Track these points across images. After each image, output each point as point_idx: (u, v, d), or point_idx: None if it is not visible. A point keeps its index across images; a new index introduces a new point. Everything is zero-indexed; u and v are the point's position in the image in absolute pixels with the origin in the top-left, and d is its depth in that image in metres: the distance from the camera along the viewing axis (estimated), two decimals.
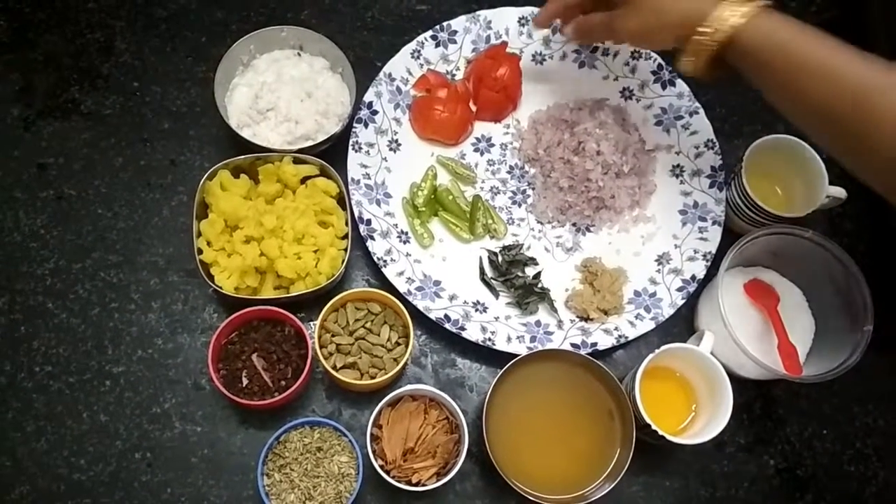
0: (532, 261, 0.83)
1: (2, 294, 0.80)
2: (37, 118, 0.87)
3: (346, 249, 0.78)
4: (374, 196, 0.83)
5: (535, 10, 0.90)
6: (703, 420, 0.75)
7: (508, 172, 0.88)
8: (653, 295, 0.82)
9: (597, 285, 0.81)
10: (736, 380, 0.74)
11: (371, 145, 0.85)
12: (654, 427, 0.70)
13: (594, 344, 0.79)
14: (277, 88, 0.83)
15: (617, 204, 0.84)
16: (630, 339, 0.79)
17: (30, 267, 0.81)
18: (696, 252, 0.83)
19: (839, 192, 0.81)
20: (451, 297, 0.81)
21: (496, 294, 0.82)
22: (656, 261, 0.84)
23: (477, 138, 0.89)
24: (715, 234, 0.83)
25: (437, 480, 0.71)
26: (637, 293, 0.82)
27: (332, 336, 0.75)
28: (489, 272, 0.83)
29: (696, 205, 0.85)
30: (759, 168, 0.82)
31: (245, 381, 0.74)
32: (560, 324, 0.81)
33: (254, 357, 0.75)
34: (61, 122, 0.87)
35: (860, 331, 0.73)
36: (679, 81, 0.89)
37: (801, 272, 0.82)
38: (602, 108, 0.86)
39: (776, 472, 0.79)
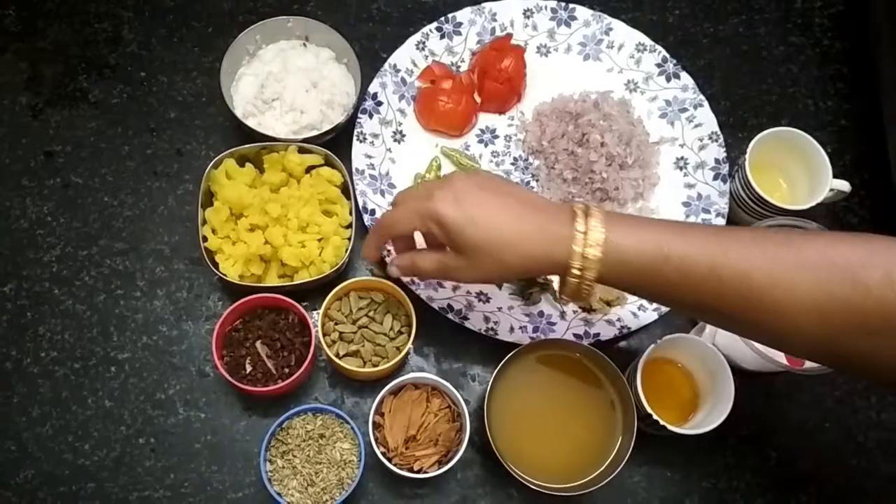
0: None
1: (8, 280, 0.80)
2: (45, 106, 0.87)
3: (349, 238, 0.79)
4: (378, 186, 0.84)
5: (541, 2, 0.91)
6: (704, 411, 0.75)
7: (512, 164, 0.88)
8: None
9: None
10: (738, 371, 0.74)
11: (375, 136, 0.86)
12: (655, 417, 0.70)
13: (597, 335, 0.79)
14: (283, 78, 0.83)
15: (621, 196, 0.84)
16: (632, 329, 0.80)
17: (36, 254, 0.81)
18: None
19: (843, 185, 0.81)
20: (454, 287, 0.81)
21: (499, 284, 0.82)
22: None
23: (481, 130, 0.89)
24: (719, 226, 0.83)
25: (439, 468, 0.71)
26: None
27: (336, 324, 0.76)
28: None
29: (699, 197, 0.85)
30: (763, 161, 0.82)
31: (249, 368, 0.74)
32: (563, 314, 0.81)
33: (258, 344, 0.75)
34: (69, 111, 0.87)
35: None
36: (683, 74, 0.89)
37: None
38: (606, 101, 0.86)
39: (778, 464, 0.79)
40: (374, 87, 0.86)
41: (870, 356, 0.55)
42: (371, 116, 0.86)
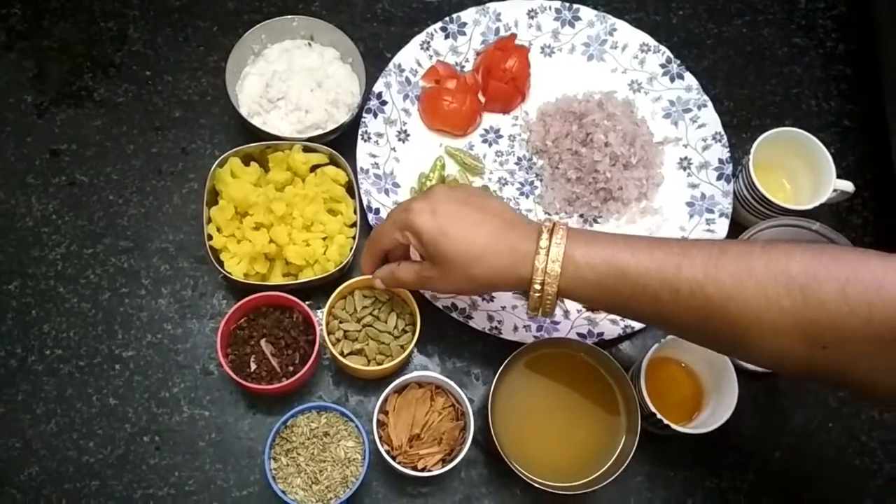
0: None
1: (14, 278, 0.81)
2: (50, 105, 0.87)
3: (354, 237, 0.79)
4: (382, 185, 0.84)
5: (545, 2, 0.91)
6: (708, 410, 0.75)
7: (516, 163, 0.88)
8: None
9: None
10: (741, 371, 0.74)
11: (380, 135, 0.86)
12: (659, 416, 0.70)
13: (601, 334, 0.79)
14: (288, 78, 0.83)
15: (624, 195, 0.84)
16: (636, 329, 0.80)
17: (41, 252, 0.82)
18: None
19: (847, 185, 0.81)
20: None
21: None
22: None
23: (485, 129, 0.89)
24: (722, 226, 0.84)
25: (443, 467, 0.71)
26: None
27: (340, 323, 0.76)
28: None
29: (703, 197, 0.86)
30: (766, 161, 0.83)
31: (253, 367, 0.75)
32: (566, 314, 0.81)
33: (262, 342, 0.75)
34: (74, 110, 0.88)
35: None
36: (687, 75, 0.89)
37: None
38: (610, 101, 0.86)
39: (781, 463, 0.79)
40: (378, 87, 0.87)
41: (826, 368, 0.55)
42: (376, 116, 0.86)
